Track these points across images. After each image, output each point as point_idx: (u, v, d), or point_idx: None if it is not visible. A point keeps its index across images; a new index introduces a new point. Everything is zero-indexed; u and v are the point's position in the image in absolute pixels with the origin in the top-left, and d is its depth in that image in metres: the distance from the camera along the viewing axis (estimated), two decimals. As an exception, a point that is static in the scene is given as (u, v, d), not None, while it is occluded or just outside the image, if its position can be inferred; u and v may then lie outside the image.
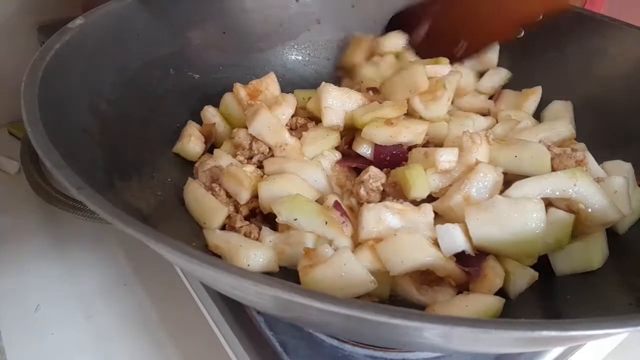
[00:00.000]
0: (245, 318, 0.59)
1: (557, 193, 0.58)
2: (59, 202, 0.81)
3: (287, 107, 0.74)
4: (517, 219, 0.55)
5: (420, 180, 0.60)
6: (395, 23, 0.87)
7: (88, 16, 0.65)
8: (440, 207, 0.60)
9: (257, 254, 0.58)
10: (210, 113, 0.77)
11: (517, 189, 0.58)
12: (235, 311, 0.60)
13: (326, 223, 0.59)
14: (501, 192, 0.59)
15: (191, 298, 0.67)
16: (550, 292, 0.59)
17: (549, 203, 0.59)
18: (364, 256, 0.56)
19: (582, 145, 0.72)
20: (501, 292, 0.56)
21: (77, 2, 0.87)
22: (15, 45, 0.95)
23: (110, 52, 0.67)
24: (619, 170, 0.67)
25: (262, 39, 0.86)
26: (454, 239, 0.56)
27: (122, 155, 0.62)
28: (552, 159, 0.63)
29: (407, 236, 0.56)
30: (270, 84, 0.79)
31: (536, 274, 0.58)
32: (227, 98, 0.77)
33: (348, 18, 0.90)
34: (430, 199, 0.62)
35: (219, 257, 0.59)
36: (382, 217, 0.58)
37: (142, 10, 0.72)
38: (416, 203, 0.61)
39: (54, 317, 0.69)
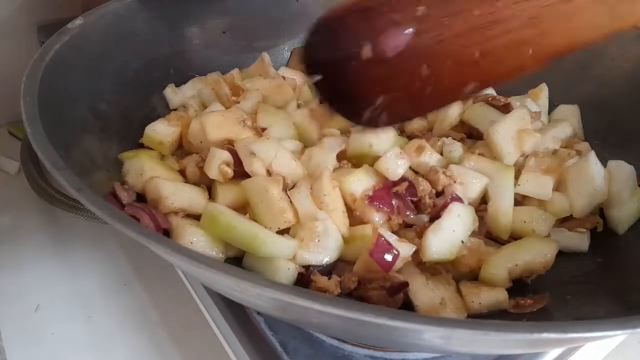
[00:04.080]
0: (246, 318, 0.59)
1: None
2: (59, 202, 0.81)
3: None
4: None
5: None
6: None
7: (88, 16, 0.65)
8: None
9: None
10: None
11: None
12: (236, 311, 0.60)
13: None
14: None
15: (191, 298, 0.67)
16: (550, 293, 0.59)
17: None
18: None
19: (585, 145, 0.72)
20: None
21: (77, 2, 0.87)
22: (15, 45, 0.94)
23: (110, 52, 0.67)
24: (621, 171, 0.67)
25: (262, 39, 0.86)
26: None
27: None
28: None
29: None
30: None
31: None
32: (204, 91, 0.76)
33: (348, 18, 0.90)
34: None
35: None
36: None
37: (142, 10, 0.72)
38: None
39: (54, 317, 0.69)
